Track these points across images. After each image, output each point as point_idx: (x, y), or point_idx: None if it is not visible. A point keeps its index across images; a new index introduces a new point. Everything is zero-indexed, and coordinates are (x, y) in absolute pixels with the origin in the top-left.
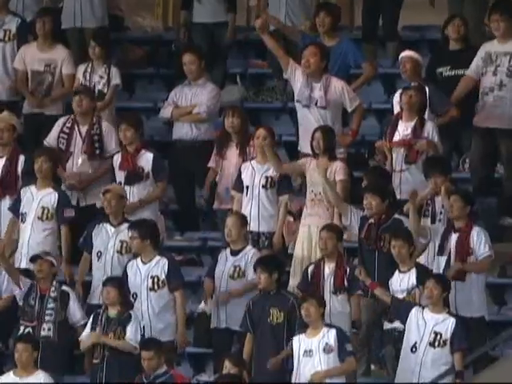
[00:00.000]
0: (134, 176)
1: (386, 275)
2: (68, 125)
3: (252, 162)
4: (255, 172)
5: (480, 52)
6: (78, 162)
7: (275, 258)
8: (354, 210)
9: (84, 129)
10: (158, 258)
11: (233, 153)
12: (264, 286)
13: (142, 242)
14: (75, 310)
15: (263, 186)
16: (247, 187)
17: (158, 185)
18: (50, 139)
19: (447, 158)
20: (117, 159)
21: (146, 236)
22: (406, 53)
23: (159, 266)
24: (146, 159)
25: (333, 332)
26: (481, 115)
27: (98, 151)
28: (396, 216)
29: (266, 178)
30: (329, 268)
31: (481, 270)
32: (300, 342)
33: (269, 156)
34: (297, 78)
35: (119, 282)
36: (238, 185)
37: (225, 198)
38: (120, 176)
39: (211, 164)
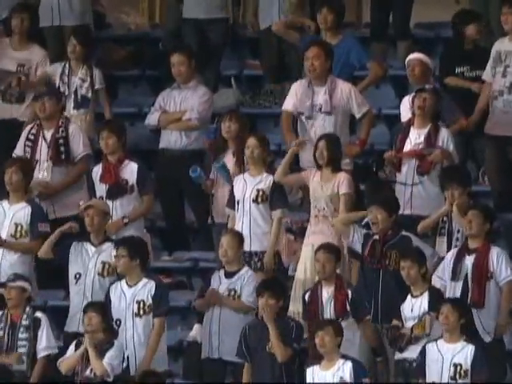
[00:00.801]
0: (117, 189)
1: (391, 297)
2: (33, 131)
3: (245, 174)
4: (246, 185)
5: (492, 51)
6: (43, 169)
7: (281, 282)
8: (356, 227)
9: (49, 134)
10: (144, 280)
11: (229, 161)
12: (270, 313)
13: (130, 261)
14: (43, 336)
15: (254, 200)
16: (238, 202)
17: (144, 199)
18: (17, 149)
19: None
20: (97, 171)
21: (136, 255)
22: (415, 55)
23: (146, 289)
24: (130, 170)
25: (348, 365)
26: (491, 122)
27: (63, 156)
28: (403, 233)
29: (257, 191)
30: (327, 292)
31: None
32: (314, 375)
33: (286, 158)
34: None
35: (102, 308)
36: (231, 200)
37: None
38: (101, 190)
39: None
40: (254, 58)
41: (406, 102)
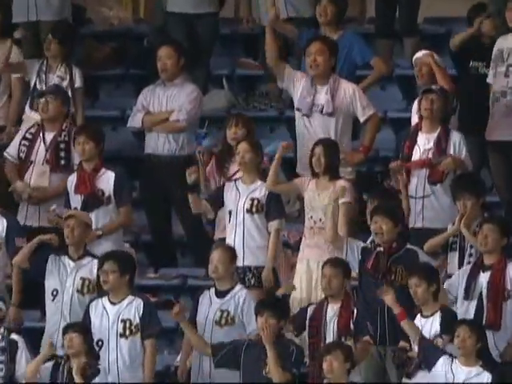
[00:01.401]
0: (93, 200)
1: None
2: (32, 130)
3: (237, 181)
4: (239, 194)
5: (494, 50)
6: (37, 172)
7: (283, 301)
8: (352, 241)
9: (50, 136)
10: (130, 297)
11: (235, 170)
12: (270, 334)
13: (120, 277)
14: (22, 361)
15: (248, 211)
16: (230, 212)
17: (121, 210)
18: (11, 148)
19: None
20: (72, 180)
21: (126, 271)
22: (422, 53)
23: (132, 307)
24: (107, 180)
25: None
26: (491, 126)
27: (63, 161)
28: (409, 246)
29: (252, 200)
30: (333, 309)
31: None
32: None
33: (273, 165)
34: (297, 84)
35: (83, 328)
36: (213, 197)
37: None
38: (76, 201)
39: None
40: (248, 55)
41: (416, 104)
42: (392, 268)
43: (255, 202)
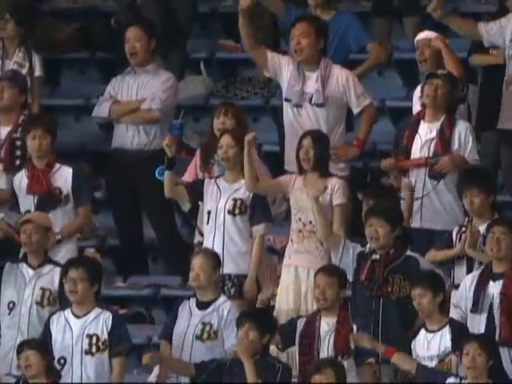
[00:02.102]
0: (49, 200)
1: (396, 332)
2: None
3: (218, 179)
4: (220, 193)
5: (506, 31)
6: None
7: (269, 315)
8: (348, 243)
9: (5, 131)
10: (97, 310)
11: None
12: (249, 347)
13: (90, 287)
14: None
15: (229, 212)
16: (209, 212)
17: (79, 211)
18: None
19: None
20: (20, 179)
21: (95, 280)
22: (425, 34)
23: (99, 321)
24: (64, 177)
25: None
26: (504, 114)
27: (18, 161)
28: (409, 253)
29: (234, 200)
30: (328, 324)
31: None
32: None
33: (245, 163)
34: (284, 71)
35: (42, 344)
36: (191, 185)
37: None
38: (27, 202)
39: (187, 178)
40: (229, 36)
41: (418, 92)
42: (389, 278)
43: (238, 202)
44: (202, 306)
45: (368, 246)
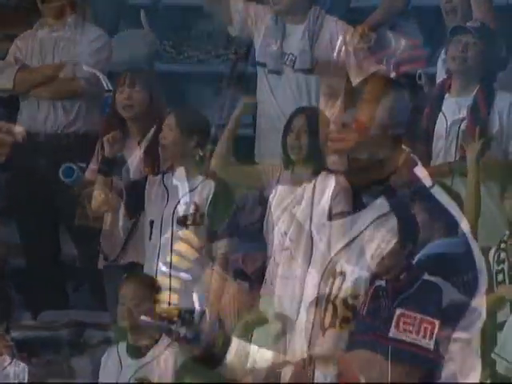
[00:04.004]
0: None
1: None
2: None
3: (165, 176)
4: (168, 195)
5: None
6: None
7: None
8: None
9: None
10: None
11: (133, 153)
12: None
13: None
14: None
15: (180, 222)
16: (152, 223)
17: None
18: None
19: None
20: None
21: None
22: None
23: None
24: None
25: None
26: None
27: None
28: (426, 277)
29: (186, 205)
30: (325, 378)
31: None
32: None
33: (226, 138)
34: (258, 24)
35: None
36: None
37: None
38: None
39: (89, 176)
40: None
41: (443, 54)
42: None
43: (191, 208)
44: (136, 353)
45: None
